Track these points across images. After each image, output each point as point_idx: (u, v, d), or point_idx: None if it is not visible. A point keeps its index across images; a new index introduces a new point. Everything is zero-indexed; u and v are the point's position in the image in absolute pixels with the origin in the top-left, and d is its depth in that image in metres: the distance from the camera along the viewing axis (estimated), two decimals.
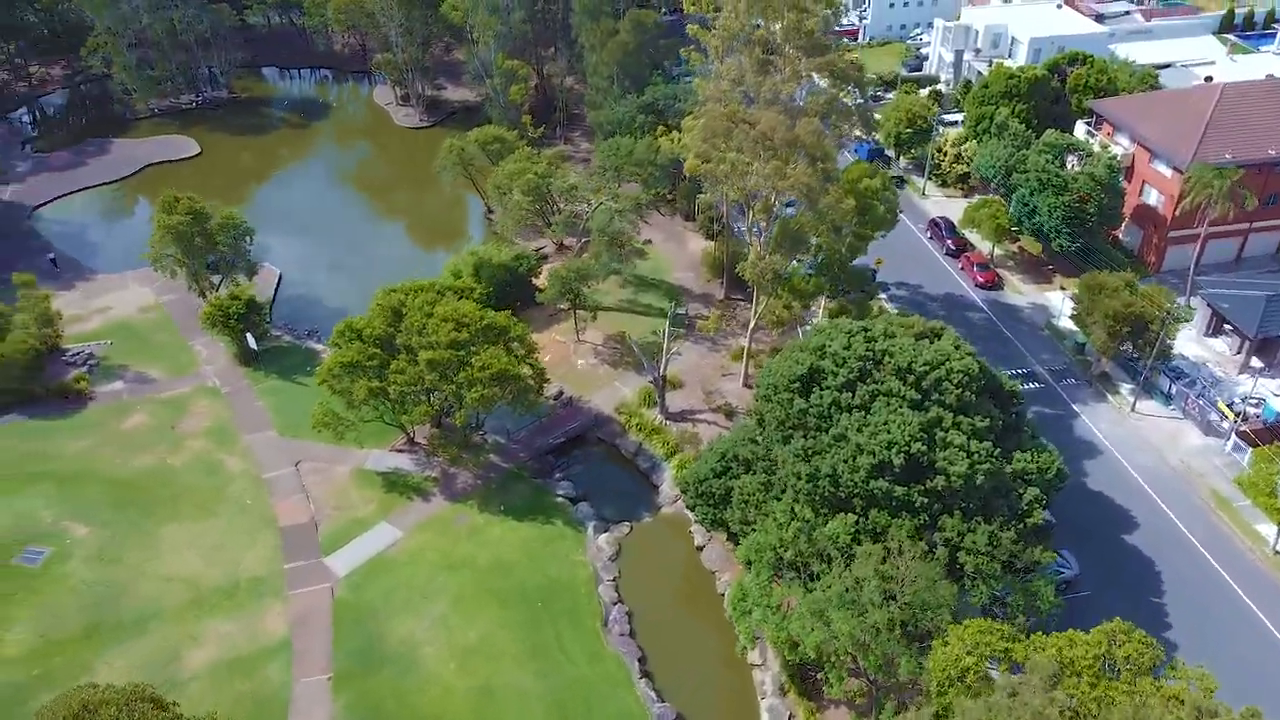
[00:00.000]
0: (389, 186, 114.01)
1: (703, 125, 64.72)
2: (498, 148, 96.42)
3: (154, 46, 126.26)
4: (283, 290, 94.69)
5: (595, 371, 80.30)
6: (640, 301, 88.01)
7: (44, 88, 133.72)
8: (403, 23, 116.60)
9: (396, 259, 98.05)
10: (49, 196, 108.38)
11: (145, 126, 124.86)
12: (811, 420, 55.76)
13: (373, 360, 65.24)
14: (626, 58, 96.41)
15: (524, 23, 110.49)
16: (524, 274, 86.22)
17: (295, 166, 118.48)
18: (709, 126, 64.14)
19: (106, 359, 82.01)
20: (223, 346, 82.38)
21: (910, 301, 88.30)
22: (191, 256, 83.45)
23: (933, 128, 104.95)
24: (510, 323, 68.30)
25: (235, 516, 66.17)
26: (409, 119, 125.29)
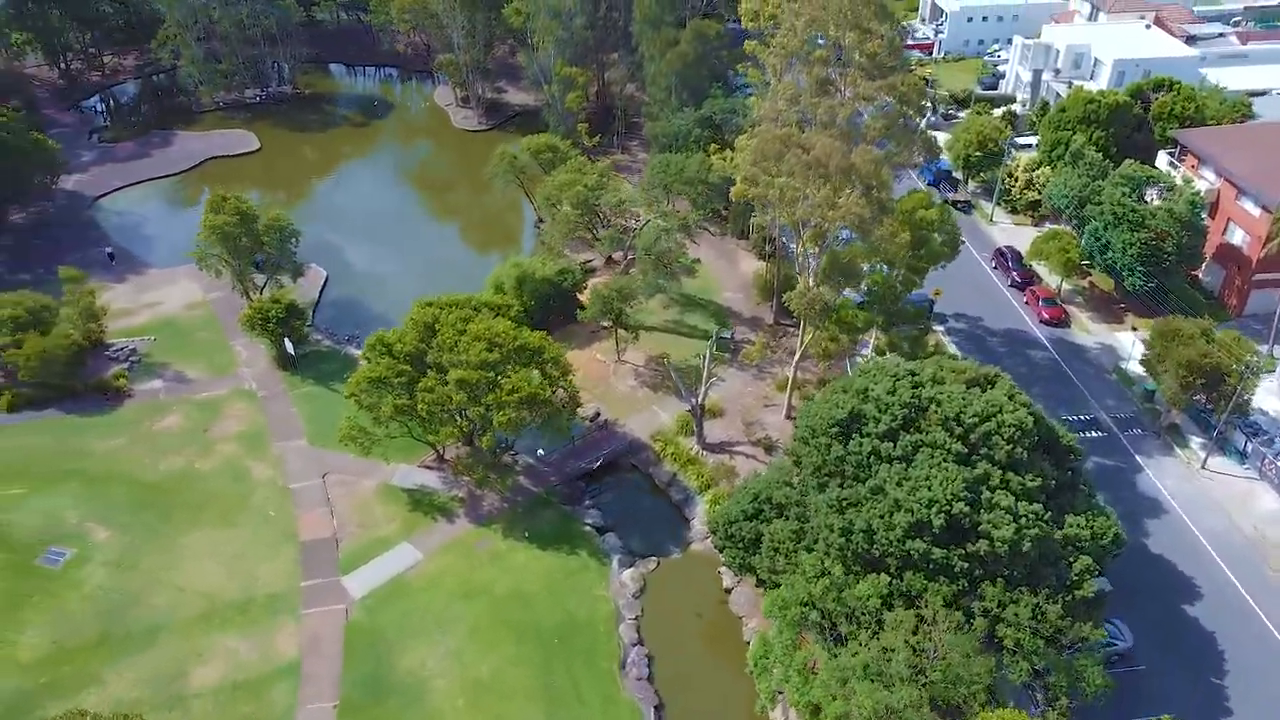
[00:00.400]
0: (443, 189, 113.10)
1: (753, 147, 61.75)
2: (550, 157, 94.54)
3: (222, 40, 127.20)
4: (328, 292, 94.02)
5: (634, 394, 77.82)
6: (686, 322, 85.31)
7: (116, 78, 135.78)
8: (465, 25, 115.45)
9: (446, 263, 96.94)
10: (110, 187, 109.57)
11: (209, 120, 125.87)
12: (849, 469, 52.65)
13: (401, 377, 63.64)
14: (686, 69, 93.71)
15: (585, 29, 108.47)
16: (568, 289, 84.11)
17: (352, 165, 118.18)
18: (760, 149, 61.18)
19: (148, 356, 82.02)
20: (262, 349, 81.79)
21: (969, 335, 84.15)
22: (237, 257, 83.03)
23: (1004, 151, 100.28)
24: (545, 343, 66.16)
25: (257, 527, 65.17)
26: (467, 121, 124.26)
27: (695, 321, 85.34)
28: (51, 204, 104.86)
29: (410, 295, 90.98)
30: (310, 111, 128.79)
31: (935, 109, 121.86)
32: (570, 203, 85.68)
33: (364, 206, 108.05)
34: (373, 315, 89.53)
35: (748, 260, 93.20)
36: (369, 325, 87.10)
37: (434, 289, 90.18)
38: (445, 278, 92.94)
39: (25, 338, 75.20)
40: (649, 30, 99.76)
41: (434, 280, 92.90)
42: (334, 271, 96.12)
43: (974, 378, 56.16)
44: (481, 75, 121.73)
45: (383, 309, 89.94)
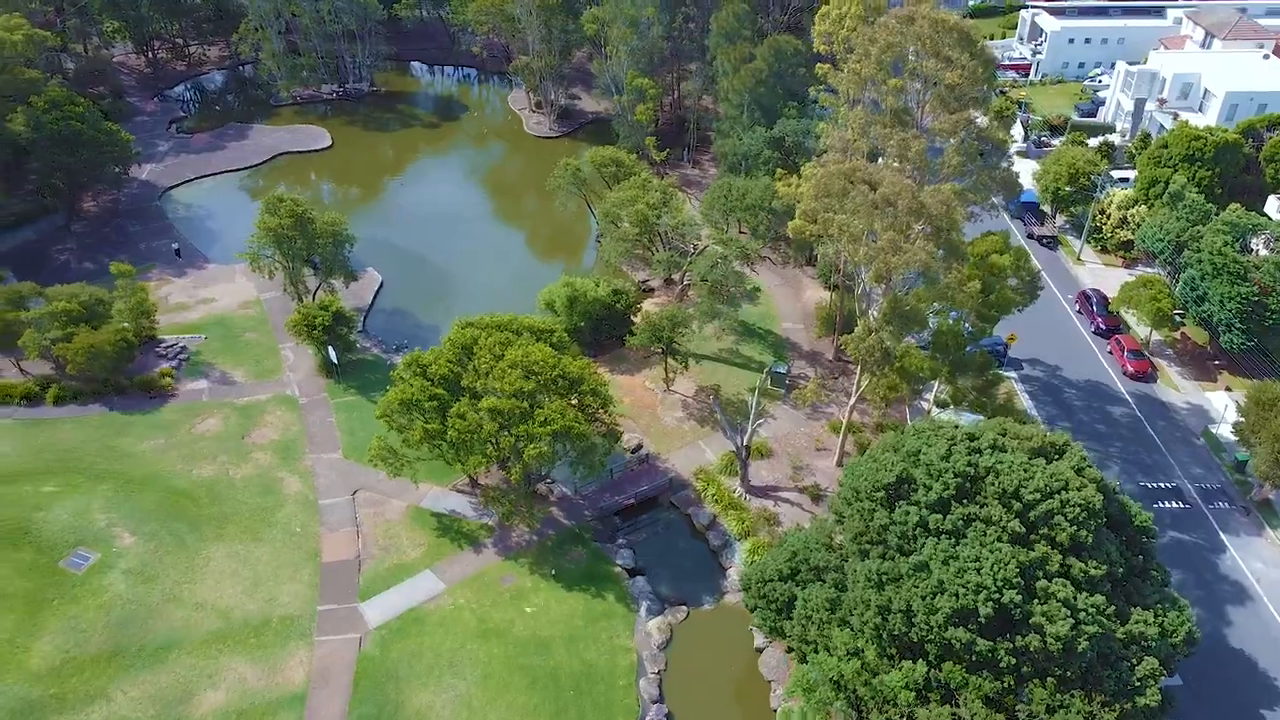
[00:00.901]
0: (509, 196, 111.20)
1: (815, 181, 57.76)
2: (613, 171, 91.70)
3: (302, 35, 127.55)
4: (382, 297, 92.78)
5: (680, 427, 74.43)
6: (741, 352, 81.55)
7: (200, 68, 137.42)
8: (541, 30, 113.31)
9: (506, 273, 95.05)
10: (182, 179, 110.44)
11: (285, 114, 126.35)
12: (892, 539, 48.48)
13: (433, 401, 61.40)
14: (759, 86, 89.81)
15: (662, 38, 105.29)
16: (621, 310, 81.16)
17: (419, 166, 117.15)
18: (823, 183, 57.19)
19: (197, 355, 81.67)
20: (309, 353, 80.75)
21: (1045, 386, 78.63)
22: (289, 259, 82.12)
23: (1098, 186, 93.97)
24: (586, 373, 63.25)
25: (281, 544, 63.70)
26: (539, 127, 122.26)
27: (751, 352, 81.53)
28: (124, 193, 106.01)
29: (466, 305, 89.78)
30: (385, 110, 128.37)
31: (1027, 135, 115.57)
32: (630, 220, 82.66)
33: (428, 210, 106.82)
34: (424, 325, 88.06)
35: (812, 289, 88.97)
36: (419, 335, 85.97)
37: (491, 300, 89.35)
38: (504, 289, 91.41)
39: (76, 331, 75.29)
40: (724, 43, 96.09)
41: (492, 291, 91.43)
42: (390, 276, 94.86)
43: (1040, 446, 51.43)
44: (556, 81, 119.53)
45: (435, 319, 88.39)
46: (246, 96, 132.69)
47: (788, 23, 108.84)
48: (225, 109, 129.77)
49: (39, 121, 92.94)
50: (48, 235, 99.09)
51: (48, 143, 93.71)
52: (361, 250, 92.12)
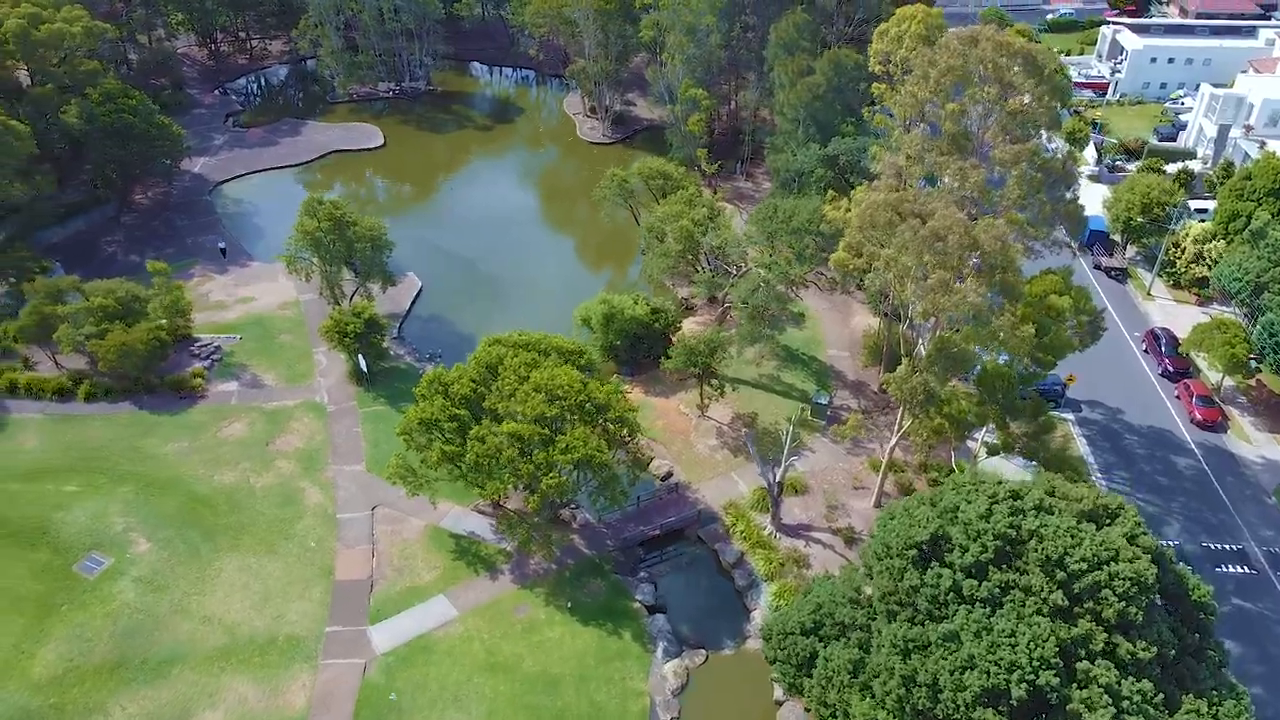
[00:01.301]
0: (556, 203, 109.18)
1: (861, 212, 54.43)
2: (661, 184, 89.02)
3: (361, 33, 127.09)
4: (421, 302, 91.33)
5: (713, 456, 71.50)
6: (782, 379, 78.29)
7: (261, 62, 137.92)
8: (598, 34, 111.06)
9: (548, 281, 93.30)
10: (233, 173, 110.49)
11: (341, 111, 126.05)
12: (923, 603, 45.14)
13: (453, 422, 59.43)
14: (816, 101, 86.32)
15: (721, 47, 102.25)
16: (660, 330, 78.50)
17: (471, 168, 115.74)
18: (868, 214, 53.83)
19: (230, 356, 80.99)
20: (341, 359, 79.51)
21: (1104, 430, 74.05)
22: (327, 262, 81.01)
23: (1173, 217, 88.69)
24: (613, 399, 60.69)
25: (295, 558, 62.32)
26: (593, 132, 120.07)
27: (793, 380, 78.23)
28: (176, 186, 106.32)
29: (506, 315, 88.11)
30: (440, 110, 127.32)
31: (1100, 158, 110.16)
32: (674, 236, 79.88)
33: (475, 213, 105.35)
34: (460, 334, 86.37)
35: (861, 315, 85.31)
36: (454, 345, 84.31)
37: (531, 310, 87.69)
38: (546, 298, 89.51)
39: (111, 328, 74.98)
40: (782, 54, 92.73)
41: (533, 300, 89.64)
42: (430, 281, 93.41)
43: (1091, 509, 47.61)
44: (611, 86, 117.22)
45: (472, 327, 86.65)
46: (304, 92, 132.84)
47: (852, 34, 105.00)
48: (282, 104, 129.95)
49: (92, 114, 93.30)
50: (98, 226, 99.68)
51: (100, 135, 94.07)
52: (403, 253, 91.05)
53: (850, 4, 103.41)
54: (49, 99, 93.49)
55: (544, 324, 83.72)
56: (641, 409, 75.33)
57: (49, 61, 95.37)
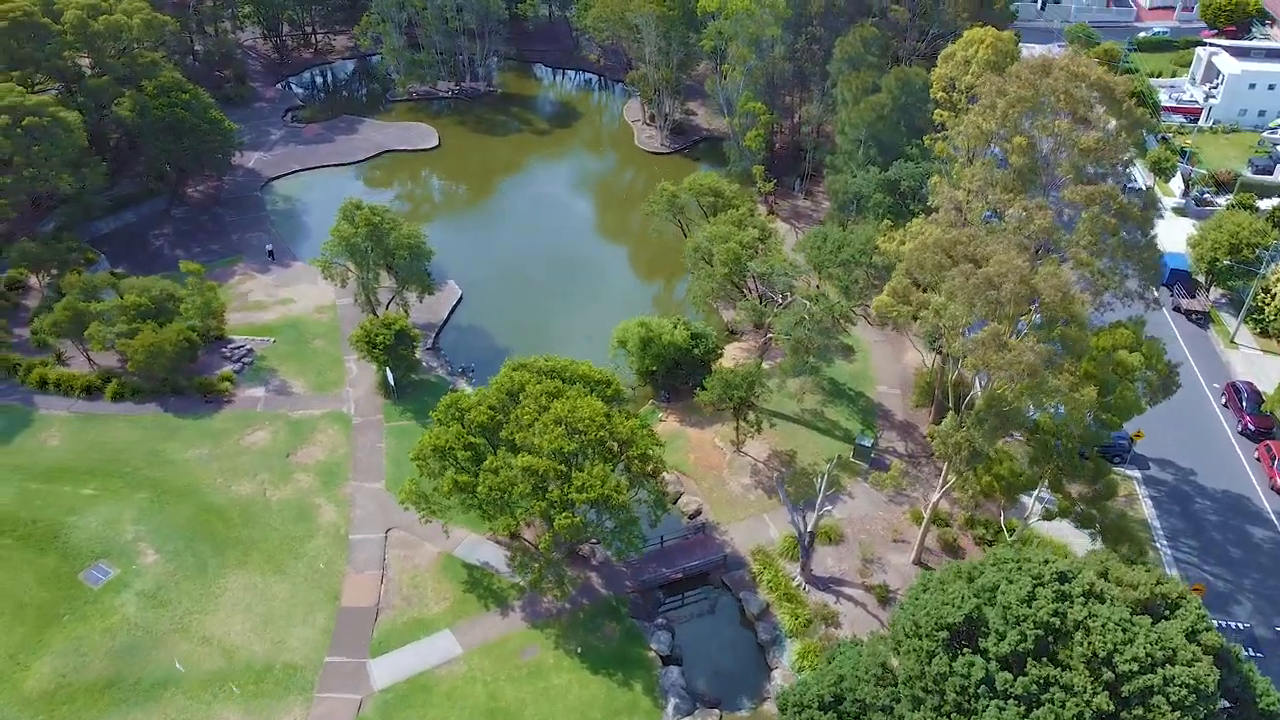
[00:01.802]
0: (607, 213, 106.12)
1: (909, 251, 50.17)
2: (712, 201, 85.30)
3: (423, 31, 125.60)
4: (459, 312, 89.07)
5: (745, 496, 67.73)
6: (826, 415, 74.07)
7: (326, 58, 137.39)
8: (659, 41, 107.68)
9: (593, 295, 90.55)
10: (286, 170, 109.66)
11: (399, 110, 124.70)
12: (951, 693, 40.95)
13: (468, 451, 56.68)
14: (879, 121, 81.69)
15: (785, 59, 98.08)
16: (699, 356, 74.91)
17: (523, 174, 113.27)
18: (916, 256, 49.56)
19: (261, 360, 79.61)
20: (372, 368, 77.50)
21: (1174, 492, 68.42)
22: (363, 269, 79.12)
23: (1264, 260, 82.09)
24: (638, 435, 57.32)
25: (303, 580, 60.30)
26: (650, 141, 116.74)
27: (837, 416, 73.97)
28: (228, 180, 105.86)
29: (545, 330, 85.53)
30: (498, 112, 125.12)
31: (1187, 189, 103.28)
32: (720, 258, 76.17)
33: (523, 220, 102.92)
34: (496, 348, 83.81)
35: (915, 350, 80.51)
36: (489, 359, 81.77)
37: (572, 325, 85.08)
38: (588, 313, 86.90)
39: (142, 327, 74.08)
40: (847, 70, 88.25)
41: (575, 315, 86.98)
42: (471, 290, 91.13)
43: (1148, 598, 42.97)
44: (671, 95, 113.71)
45: (509, 341, 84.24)
46: (364, 90, 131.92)
47: (925, 50, 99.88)
48: (341, 101, 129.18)
49: (146, 107, 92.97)
50: (149, 219, 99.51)
51: (153, 128, 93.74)
52: (446, 258, 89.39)
53: (925, 18, 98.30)
54: (105, 90, 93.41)
55: (584, 340, 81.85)
56: (674, 439, 72.23)
57: (107, 53, 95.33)
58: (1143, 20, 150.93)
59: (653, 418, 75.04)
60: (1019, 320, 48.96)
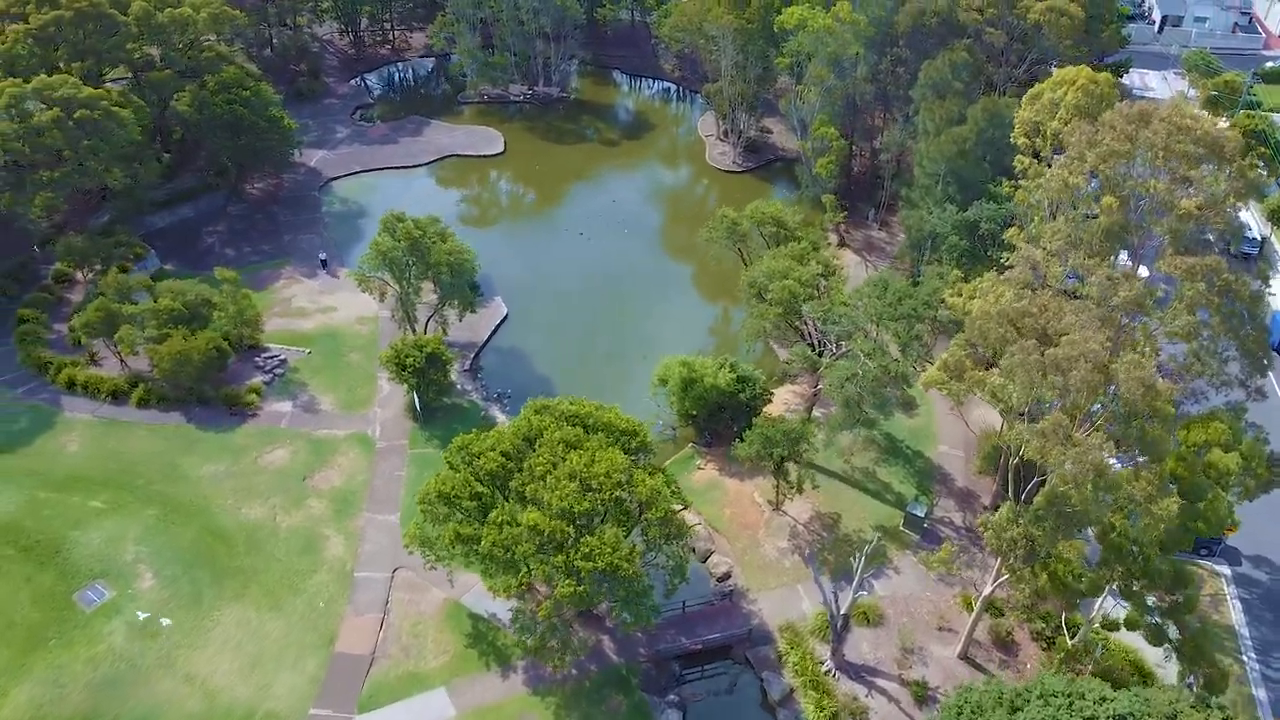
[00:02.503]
0: (669, 232, 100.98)
1: (971, 320, 44.19)
2: (774, 231, 79.78)
3: (498, 33, 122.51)
4: (503, 332, 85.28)
5: (780, 562, 62.30)
6: (878, 476, 68.05)
7: (402, 55, 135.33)
8: (735, 55, 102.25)
9: (646, 321, 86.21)
10: (348, 170, 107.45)
11: (469, 113, 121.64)
12: None
13: (474, 500, 52.62)
14: (961, 156, 74.92)
15: (866, 80, 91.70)
16: (745, 401, 69.71)
17: (587, 185, 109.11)
18: (979, 326, 43.59)
19: (294, 371, 77.15)
20: (403, 389, 74.24)
21: (1268, 595, 60.60)
22: (401, 284, 75.93)
23: None
24: (658, 496, 52.47)
25: (299, 619, 57.21)
26: (723, 158, 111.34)
27: (890, 477, 67.89)
28: (288, 178, 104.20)
29: (591, 357, 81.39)
30: (570, 119, 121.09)
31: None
32: (775, 296, 70.73)
33: (581, 237, 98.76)
34: (536, 374, 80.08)
35: (984, 408, 73.64)
36: (527, 385, 78.14)
37: (619, 353, 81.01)
38: (637, 342, 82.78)
39: (173, 333, 72.19)
40: (931, 97, 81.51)
41: (623, 342, 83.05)
42: (517, 308, 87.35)
43: None
44: (747, 110, 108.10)
45: (551, 368, 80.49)
46: (433, 90, 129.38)
47: (1023, 78, 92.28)
48: (411, 100, 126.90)
49: (205, 102, 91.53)
50: (205, 215, 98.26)
51: (211, 125, 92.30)
52: (496, 271, 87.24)
53: (1024, 42, 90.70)
54: (166, 84, 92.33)
55: (630, 371, 77.26)
56: (711, 491, 67.34)
57: (174, 45, 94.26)
58: (1272, 49, 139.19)
59: (690, 465, 70.14)
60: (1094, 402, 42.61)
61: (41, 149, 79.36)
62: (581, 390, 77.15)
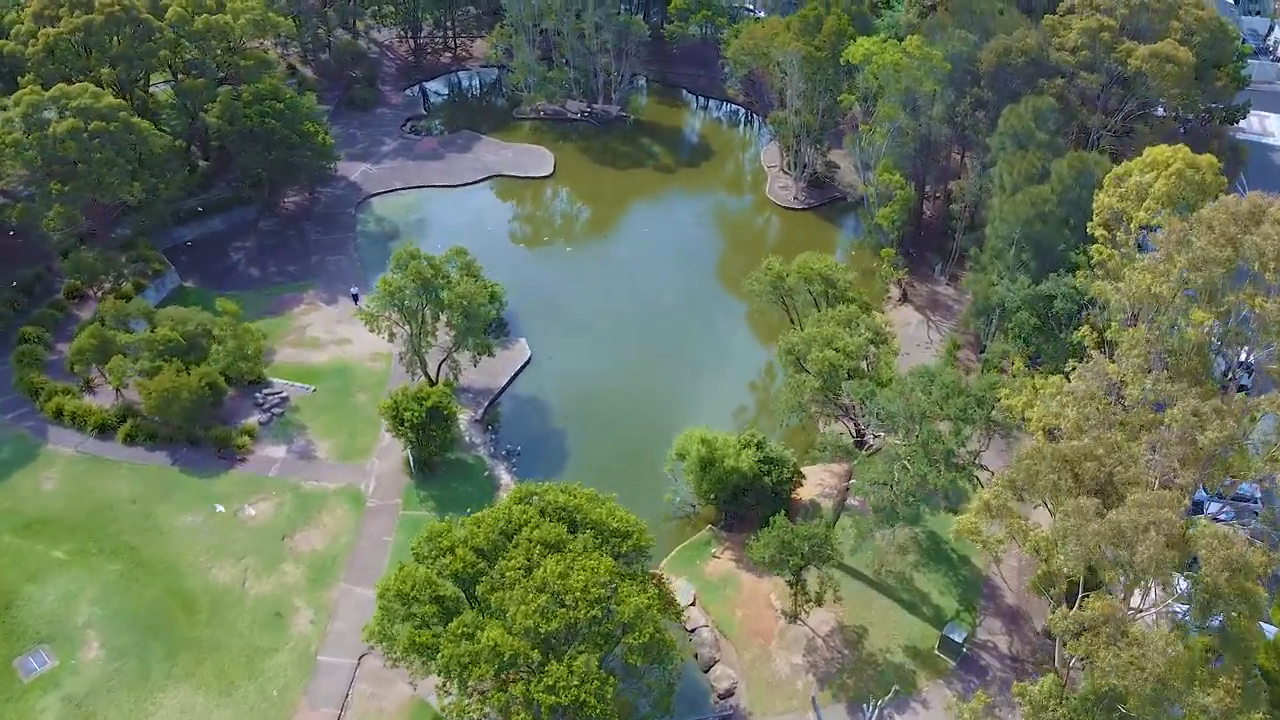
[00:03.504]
0: (719, 273, 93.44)
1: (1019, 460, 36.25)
2: (823, 290, 72.08)
3: (556, 47, 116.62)
4: (524, 377, 79.20)
5: (793, 681, 54.76)
6: (916, 583, 59.88)
7: (462, 64, 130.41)
8: (801, 84, 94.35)
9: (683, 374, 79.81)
10: (389, 186, 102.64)
11: (522, 129, 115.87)
12: None
13: (433, 604, 46.48)
14: (1039, 221, 65.94)
15: (942, 120, 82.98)
16: (771, 486, 62.31)
17: (635, 215, 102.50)
18: (1028, 467, 35.65)
19: (294, 411, 72.40)
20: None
21: None
22: (412, 326, 70.47)
23: None
24: (643, 615, 45.46)
25: (248, 710, 52.11)
26: (784, 193, 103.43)
27: (929, 585, 59.69)
28: (325, 194, 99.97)
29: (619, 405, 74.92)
30: (628, 140, 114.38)
31: None
32: (814, 367, 63.15)
33: (620, 269, 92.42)
34: (554, 430, 74.12)
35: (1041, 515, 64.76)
36: (543, 442, 72.49)
37: (649, 408, 74.48)
38: (670, 398, 76.39)
39: (166, 366, 67.92)
40: (1010, 147, 72.50)
41: (655, 395, 76.77)
42: (544, 350, 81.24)
43: None
44: (813, 143, 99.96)
45: (572, 423, 74.71)
46: (491, 103, 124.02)
47: (1120, 127, 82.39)
48: (466, 112, 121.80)
49: (235, 114, 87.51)
50: (235, 228, 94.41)
51: (241, 137, 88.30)
52: (524, 307, 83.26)
53: (1124, 87, 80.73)
54: (199, 92, 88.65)
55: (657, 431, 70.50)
56: (724, 585, 60.39)
57: (213, 52, 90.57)
58: None
59: (705, 551, 63.02)
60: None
61: (57, 160, 76.06)
62: (601, 455, 71.22)
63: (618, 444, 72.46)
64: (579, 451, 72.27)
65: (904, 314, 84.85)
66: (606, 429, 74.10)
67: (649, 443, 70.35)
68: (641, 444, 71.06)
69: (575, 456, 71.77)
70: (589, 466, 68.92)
